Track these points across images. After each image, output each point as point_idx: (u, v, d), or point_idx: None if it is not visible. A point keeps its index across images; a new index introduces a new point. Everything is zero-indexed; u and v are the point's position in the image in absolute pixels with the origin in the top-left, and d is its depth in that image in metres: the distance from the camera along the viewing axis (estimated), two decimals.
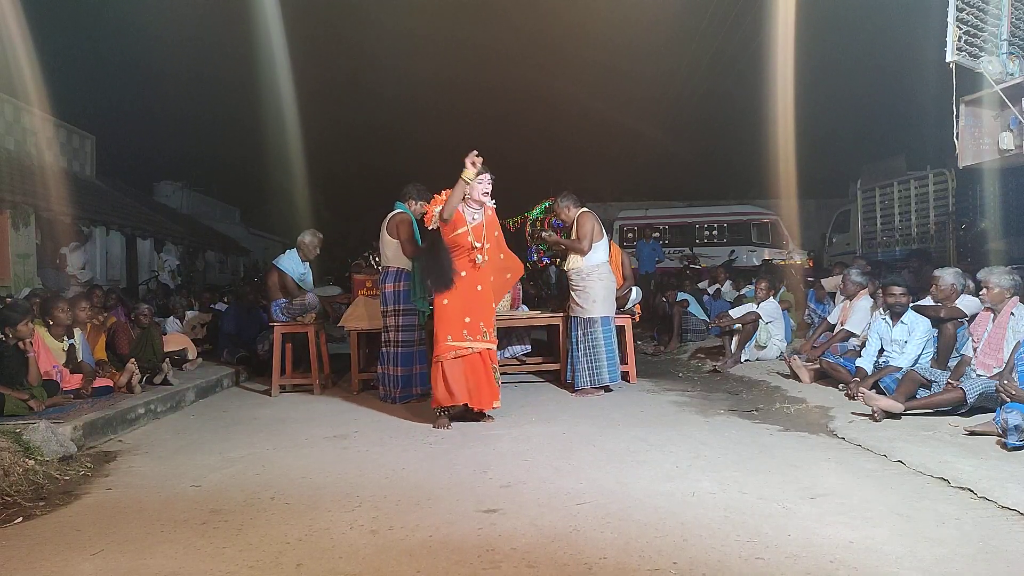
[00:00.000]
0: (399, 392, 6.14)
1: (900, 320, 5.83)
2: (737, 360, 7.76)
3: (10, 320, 5.38)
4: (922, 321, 5.80)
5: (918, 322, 5.80)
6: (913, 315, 5.85)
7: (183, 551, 2.99)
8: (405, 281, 6.06)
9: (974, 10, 6.26)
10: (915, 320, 5.81)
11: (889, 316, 5.91)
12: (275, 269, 7.29)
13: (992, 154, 6.90)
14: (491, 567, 2.76)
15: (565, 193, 6.72)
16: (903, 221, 14.59)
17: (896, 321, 5.85)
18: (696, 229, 18.75)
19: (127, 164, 20.05)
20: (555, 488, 3.70)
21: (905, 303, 5.85)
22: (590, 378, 6.42)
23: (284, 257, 7.34)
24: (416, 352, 6.18)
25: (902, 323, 5.82)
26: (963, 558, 2.74)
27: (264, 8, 12.83)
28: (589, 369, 6.43)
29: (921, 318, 5.84)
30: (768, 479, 3.77)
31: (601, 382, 6.44)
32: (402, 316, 6.12)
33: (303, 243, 7.36)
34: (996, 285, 5.13)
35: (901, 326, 5.82)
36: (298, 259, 7.31)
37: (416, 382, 6.16)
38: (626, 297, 7.49)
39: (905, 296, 5.85)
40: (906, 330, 5.80)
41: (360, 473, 4.10)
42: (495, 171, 5.31)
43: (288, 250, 7.44)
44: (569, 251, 6.58)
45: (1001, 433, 4.13)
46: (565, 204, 6.67)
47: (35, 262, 10.96)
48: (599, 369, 6.42)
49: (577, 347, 6.49)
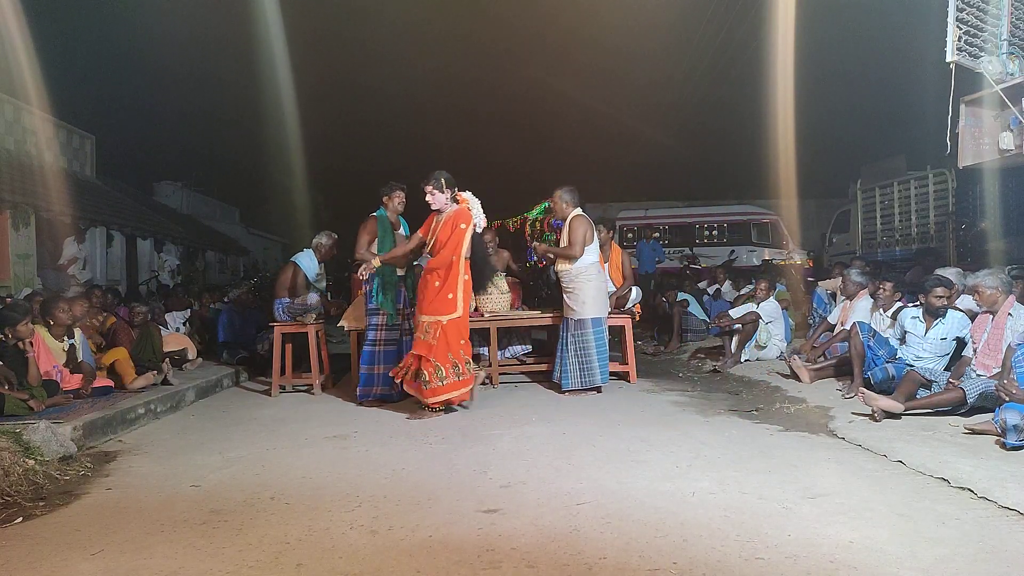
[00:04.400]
0: (359, 391, 6.24)
1: (941, 319, 5.61)
2: (737, 360, 7.76)
3: (10, 320, 5.38)
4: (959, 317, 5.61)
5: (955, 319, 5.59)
6: (951, 313, 5.63)
7: (183, 551, 2.99)
8: (372, 281, 6.20)
9: (974, 10, 6.26)
10: (953, 318, 5.60)
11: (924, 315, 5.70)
12: (292, 265, 7.32)
13: (992, 154, 6.90)
14: (491, 567, 2.76)
15: (568, 188, 6.69)
16: (903, 221, 14.60)
17: (933, 321, 5.64)
18: (696, 229, 18.75)
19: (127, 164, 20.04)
20: (555, 488, 3.70)
21: (946, 305, 5.62)
22: (580, 379, 6.42)
23: (303, 255, 7.39)
24: (379, 352, 6.22)
25: (942, 322, 5.61)
26: (963, 558, 2.74)
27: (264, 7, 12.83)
28: (579, 370, 6.42)
29: (958, 314, 5.63)
30: (768, 479, 3.77)
31: (592, 383, 6.43)
32: (368, 315, 6.28)
33: (320, 244, 7.42)
34: (986, 287, 5.12)
35: (940, 326, 5.61)
36: (315, 260, 7.38)
37: (376, 381, 6.21)
38: (626, 297, 7.49)
39: (946, 299, 5.61)
40: (943, 330, 5.59)
41: (360, 473, 4.10)
42: (495, 171, 5.42)
43: (306, 249, 7.47)
44: (559, 258, 6.57)
45: (1000, 433, 4.14)
46: (564, 200, 6.64)
47: (35, 262, 10.96)
48: (590, 370, 6.41)
49: (567, 348, 6.48)
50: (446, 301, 5.59)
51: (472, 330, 7.51)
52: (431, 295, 5.63)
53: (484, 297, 7.12)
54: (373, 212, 6.46)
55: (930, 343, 5.65)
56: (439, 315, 5.57)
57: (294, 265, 7.30)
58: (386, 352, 6.23)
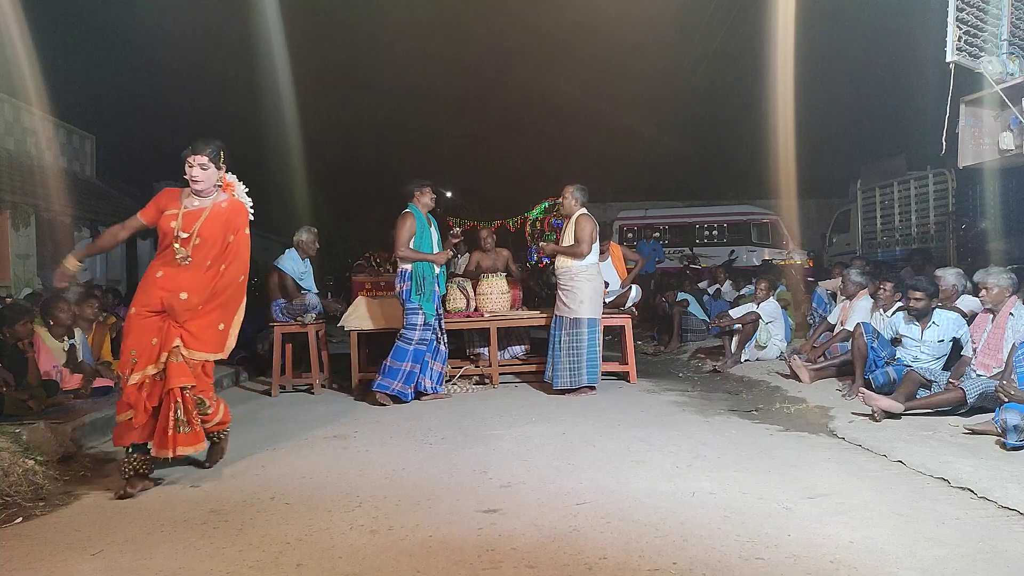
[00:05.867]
0: (380, 380, 6.19)
1: (932, 322, 5.60)
2: (737, 360, 7.76)
3: (9, 320, 5.38)
4: (953, 317, 5.61)
5: (948, 319, 5.60)
6: (942, 315, 5.63)
7: (183, 551, 2.99)
8: (409, 280, 6.20)
9: (974, 10, 6.25)
10: (947, 319, 5.60)
11: (915, 319, 5.70)
12: (275, 270, 7.31)
13: (992, 154, 6.89)
14: (491, 567, 2.76)
15: (580, 187, 6.66)
16: (903, 221, 14.60)
17: (926, 324, 5.63)
18: (696, 229, 18.76)
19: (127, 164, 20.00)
20: (555, 488, 3.70)
21: (925, 308, 5.62)
22: (570, 378, 6.41)
23: (284, 258, 7.36)
24: (411, 351, 6.20)
25: (934, 324, 5.60)
26: (963, 558, 2.74)
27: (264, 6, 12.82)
28: (569, 369, 6.41)
29: (951, 314, 5.64)
30: (768, 479, 3.77)
31: (580, 383, 6.41)
32: (406, 314, 6.25)
33: (301, 241, 7.40)
34: (995, 285, 5.12)
35: (933, 328, 5.60)
36: (298, 258, 7.36)
37: (401, 378, 6.19)
38: (626, 295, 7.50)
39: (924, 301, 5.60)
40: (939, 332, 5.58)
41: (360, 473, 4.10)
42: (495, 171, 5.34)
43: (287, 250, 7.45)
44: (563, 255, 6.55)
45: (1000, 433, 4.14)
46: (575, 198, 6.60)
47: (35, 262, 10.96)
48: (579, 370, 6.39)
49: (560, 346, 6.46)
50: (218, 334, 4.05)
51: (472, 330, 7.55)
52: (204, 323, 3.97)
53: (484, 297, 7.12)
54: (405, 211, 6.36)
55: (928, 345, 5.64)
56: (215, 352, 4.05)
57: (277, 270, 7.28)
58: (416, 351, 6.22)
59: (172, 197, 4.05)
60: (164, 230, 4.00)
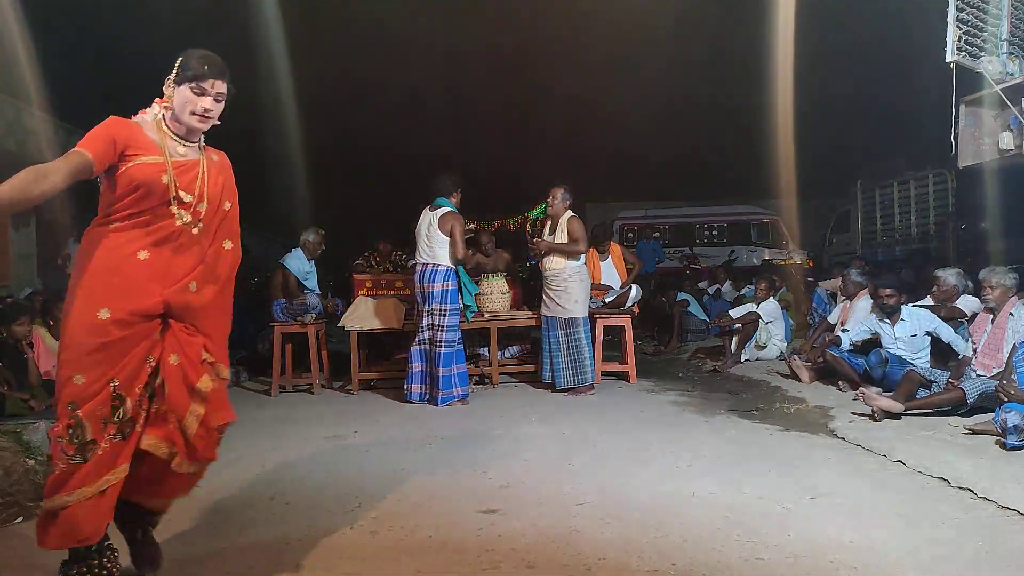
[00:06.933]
0: (441, 394, 6.02)
1: (901, 318, 5.85)
2: (737, 360, 7.76)
3: (9, 320, 5.39)
4: (922, 313, 5.87)
5: (918, 315, 5.86)
6: (910, 310, 5.90)
7: (183, 551, 2.99)
8: (454, 280, 6.11)
9: (974, 10, 6.25)
10: (914, 314, 5.87)
11: (887, 316, 5.91)
12: (280, 268, 7.33)
13: (992, 154, 6.89)
14: (491, 567, 2.76)
15: (568, 188, 6.68)
16: (903, 221, 14.61)
17: (896, 320, 5.87)
18: (696, 229, 18.76)
19: None
20: (555, 488, 3.70)
21: (895, 303, 5.86)
22: (574, 378, 6.43)
23: (290, 256, 7.39)
24: (455, 352, 6.15)
25: (903, 320, 5.84)
26: (963, 558, 2.74)
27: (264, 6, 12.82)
28: (572, 369, 6.43)
29: (920, 310, 5.91)
30: (768, 479, 3.77)
31: (585, 381, 6.43)
32: (448, 316, 6.11)
33: (307, 242, 7.43)
34: (999, 285, 5.13)
35: (903, 324, 5.84)
36: (304, 258, 7.41)
37: (455, 383, 6.11)
38: (626, 295, 7.50)
39: (894, 297, 5.86)
40: (909, 326, 5.82)
41: (360, 473, 4.10)
42: (495, 172, 5.29)
43: (294, 249, 7.48)
44: (559, 254, 6.54)
45: (1000, 433, 4.14)
46: (563, 197, 6.62)
47: (35, 262, 10.96)
48: (583, 369, 6.42)
49: (559, 347, 6.48)
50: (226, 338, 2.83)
51: (472, 330, 7.55)
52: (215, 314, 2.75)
53: (484, 297, 7.12)
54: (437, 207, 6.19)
55: (903, 341, 5.81)
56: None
57: (282, 268, 7.30)
58: (459, 351, 6.18)
59: (133, 132, 2.56)
60: (142, 183, 2.51)
